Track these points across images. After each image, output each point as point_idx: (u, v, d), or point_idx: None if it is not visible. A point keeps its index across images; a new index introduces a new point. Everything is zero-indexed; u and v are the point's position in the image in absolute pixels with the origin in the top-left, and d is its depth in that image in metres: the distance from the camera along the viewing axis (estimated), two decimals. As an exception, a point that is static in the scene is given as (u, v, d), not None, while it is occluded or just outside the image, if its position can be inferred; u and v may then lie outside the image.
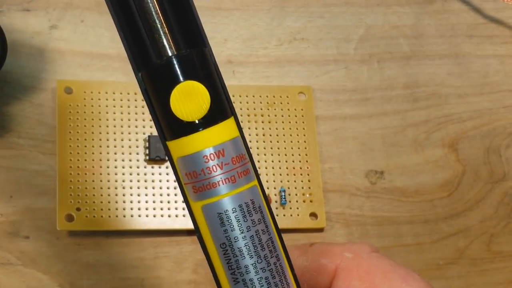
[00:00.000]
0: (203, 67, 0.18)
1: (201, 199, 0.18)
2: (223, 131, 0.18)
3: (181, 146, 0.18)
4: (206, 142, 0.18)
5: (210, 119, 0.18)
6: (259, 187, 0.19)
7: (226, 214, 0.18)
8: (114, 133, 0.37)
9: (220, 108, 0.18)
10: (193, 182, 0.18)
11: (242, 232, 0.18)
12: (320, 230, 0.39)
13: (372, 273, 0.22)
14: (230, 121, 0.18)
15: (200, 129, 0.18)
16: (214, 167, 0.18)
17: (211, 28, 0.41)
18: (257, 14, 0.43)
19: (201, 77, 0.18)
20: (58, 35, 0.39)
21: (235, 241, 0.18)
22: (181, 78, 0.18)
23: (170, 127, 0.18)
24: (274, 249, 0.19)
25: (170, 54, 0.18)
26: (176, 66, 0.18)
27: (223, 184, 0.18)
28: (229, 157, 0.18)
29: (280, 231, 0.20)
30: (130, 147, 0.37)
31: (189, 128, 0.18)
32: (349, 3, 0.44)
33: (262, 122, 0.40)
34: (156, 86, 0.18)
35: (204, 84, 0.18)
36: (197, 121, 0.18)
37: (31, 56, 0.38)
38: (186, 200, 0.19)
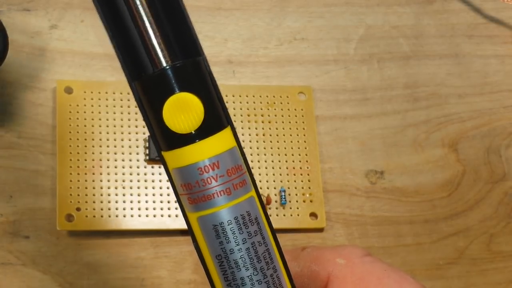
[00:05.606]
0: (197, 78, 0.18)
1: (196, 210, 0.18)
2: (219, 142, 0.18)
3: (175, 158, 0.18)
4: (201, 154, 0.17)
5: (205, 130, 0.17)
6: (256, 197, 0.19)
7: (221, 226, 0.18)
8: (114, 133, 0.37)
9: (215, 119, 0.18)
10: (189, 194, 0.18)
11: (237, 244, 0.18)
12: (320, 230, 0.39)
13: (366, 279, 0.22)
14: (226, 132, 0.18)
15: (195, 141, 0.17)
16: (209, 179, 0.18)
17: (211, 28, 0.41)
18: (257, 14, 0.42)
19: (195, 88, 0.17)
20: (58, 35, 0.39)
21: (230, 253, 0.18)
22: (174, 90, 0.17)
23: (164, 138, 0.18)
24: (271, 260, 0.19)
25: (164, 65, 0.17)
26: (170, 78, 0.17)
27: (218, 196, 0.18)
28: (224, 169, 0.18)
29: (278, 242, 0.19)
30: (130, 147, 0.37)
31: (183, 140, 0.17)
32: (349, 3, 0.44)
33: (262, 122, 0.40)
34: (149, 97, 0.18)
35: (198, 96, 0.17)
36: (191, 133, 0.17)
37: (31, 56, 0.38)
38: (182, 211, 0.19)
